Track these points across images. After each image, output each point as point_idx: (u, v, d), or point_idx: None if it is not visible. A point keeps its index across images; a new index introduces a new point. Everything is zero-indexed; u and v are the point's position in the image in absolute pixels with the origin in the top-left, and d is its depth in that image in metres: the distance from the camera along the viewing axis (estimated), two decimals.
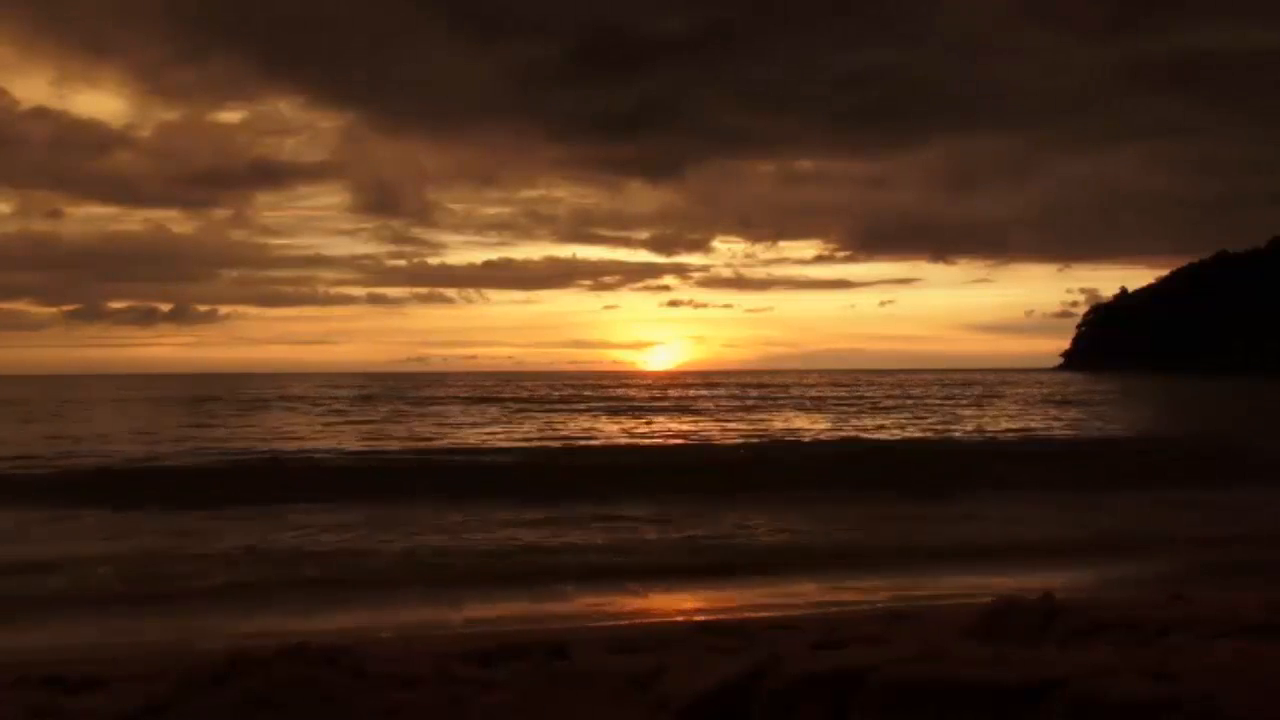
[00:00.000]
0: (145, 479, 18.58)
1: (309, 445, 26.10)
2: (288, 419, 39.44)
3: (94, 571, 10.38)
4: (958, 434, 30.78)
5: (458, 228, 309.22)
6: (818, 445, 27.07)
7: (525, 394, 65.37)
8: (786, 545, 12.46)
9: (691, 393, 68.42)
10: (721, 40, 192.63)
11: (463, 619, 8.74)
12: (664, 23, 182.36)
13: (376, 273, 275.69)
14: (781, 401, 54.07)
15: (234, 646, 5.21)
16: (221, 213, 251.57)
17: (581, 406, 49.31)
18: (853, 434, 30.88)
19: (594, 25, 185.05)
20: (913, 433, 31.61)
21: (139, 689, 4.60)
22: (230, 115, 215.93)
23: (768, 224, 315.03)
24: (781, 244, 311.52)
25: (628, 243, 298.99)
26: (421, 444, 27.08)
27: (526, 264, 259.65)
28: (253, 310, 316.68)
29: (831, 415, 40.93)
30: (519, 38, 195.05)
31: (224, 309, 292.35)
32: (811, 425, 34.97)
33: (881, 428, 33.74)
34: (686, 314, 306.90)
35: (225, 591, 9.82)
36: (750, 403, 53.22)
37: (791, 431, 31.78)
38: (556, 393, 67.62)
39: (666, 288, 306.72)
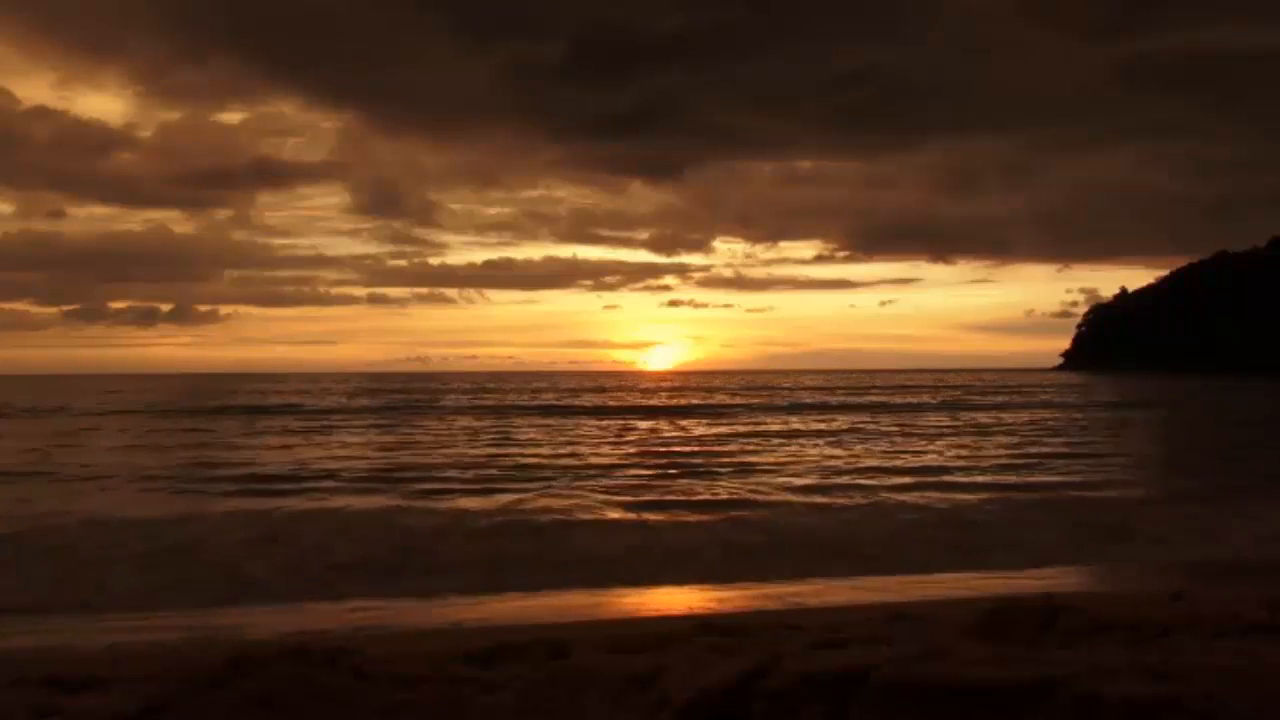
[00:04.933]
0: None
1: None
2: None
3: None
4: None
5: (458, 228, 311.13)
6: None
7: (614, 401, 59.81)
8: None
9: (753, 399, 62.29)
10: (721, 40, 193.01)
11: (463, 619, 8.75)
12: (664, 23, 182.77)
13: (377, 273, 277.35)
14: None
15: (234, 647, 5.21)
16: (223, 213, 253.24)
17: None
18: None
19: (594, 25, 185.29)
20: None
21: (139, 689, 4.59)
22: (231, 116, 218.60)
23: (767, 224, 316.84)
24: (781, 244, 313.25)
25: (628, 243, 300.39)
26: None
27: (527, 264, 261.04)
28: (254, 310, 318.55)
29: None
30: (519, 38, 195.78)
31: (225, 309, 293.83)
32: None
33: None
34: (687, 314, 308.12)
35: None
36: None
37: None
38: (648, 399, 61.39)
39: (667, 288, 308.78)
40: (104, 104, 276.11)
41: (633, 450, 26.51)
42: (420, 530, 12.97)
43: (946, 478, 19.37)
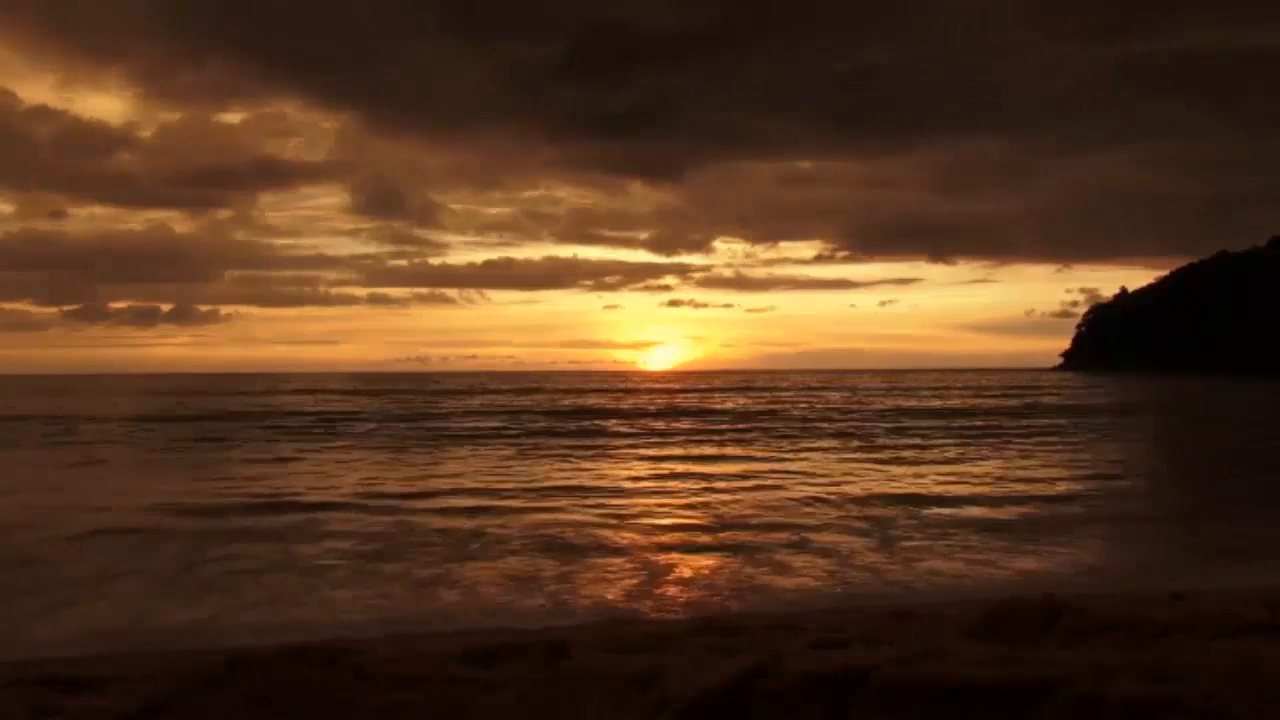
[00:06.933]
0: None
1: None
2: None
3: None
4: None
5: (459, 228, 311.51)
6: None
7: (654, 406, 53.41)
8: None
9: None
10: (721, 40, 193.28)
11: (463, 619, 8.73)
12: (664, 23, 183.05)
13: (378, 273, 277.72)
14: None
15: (234, 647, 5.20)
16: (223, 213, 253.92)
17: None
18: None
19: (593, 25, 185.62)
20: None
21: (139, 689, 4.59)
22: (232, 116, 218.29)
23: (767, 224, 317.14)
24: (781, 244, 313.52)
25: (628, 243, 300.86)
26: None
27: (527, 264, 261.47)
28: (254, 310, 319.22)
29: None
30: (518, 38, 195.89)
31: (225, 309, 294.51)
32: None
33: None
34: (687, 314, 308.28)
35: None
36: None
37: None
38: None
39: (667, 288, 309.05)
40: (105, 104, 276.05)
41: None
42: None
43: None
